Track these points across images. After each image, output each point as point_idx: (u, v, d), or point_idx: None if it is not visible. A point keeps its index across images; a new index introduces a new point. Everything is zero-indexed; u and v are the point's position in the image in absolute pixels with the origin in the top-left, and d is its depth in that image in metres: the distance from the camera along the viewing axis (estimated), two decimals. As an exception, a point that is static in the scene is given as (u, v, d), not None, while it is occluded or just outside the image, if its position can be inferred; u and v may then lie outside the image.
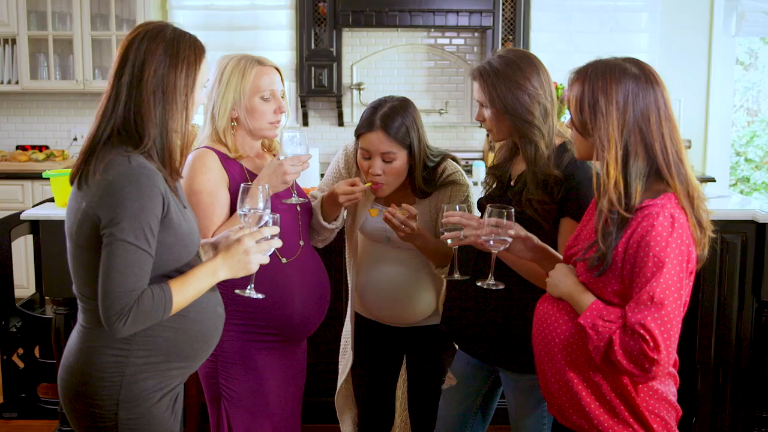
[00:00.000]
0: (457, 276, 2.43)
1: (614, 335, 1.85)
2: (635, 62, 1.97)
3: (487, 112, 2.40)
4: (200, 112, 2.60)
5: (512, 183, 2.48)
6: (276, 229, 2.09)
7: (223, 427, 2.57)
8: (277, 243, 2.09)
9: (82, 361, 1.98)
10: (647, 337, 1.79)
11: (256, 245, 2.02)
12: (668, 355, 1.82)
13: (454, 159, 2.78)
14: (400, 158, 2.61)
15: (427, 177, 2.70)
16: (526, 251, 2.21)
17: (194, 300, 1.98)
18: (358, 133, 2.66)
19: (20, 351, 4.12)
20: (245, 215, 2.12)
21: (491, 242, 2.16)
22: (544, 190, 2.33)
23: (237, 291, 2.24)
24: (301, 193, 2.60)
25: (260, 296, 2.24)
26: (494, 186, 2.56)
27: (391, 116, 2.59)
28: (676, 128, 1.95)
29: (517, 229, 2.17)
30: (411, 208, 2.55)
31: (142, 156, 1.92)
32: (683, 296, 1.87)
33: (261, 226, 2.09)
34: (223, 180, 2.47)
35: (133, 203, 1.84)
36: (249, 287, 2.23)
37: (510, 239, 2.15)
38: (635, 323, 1.81)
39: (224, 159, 2.50)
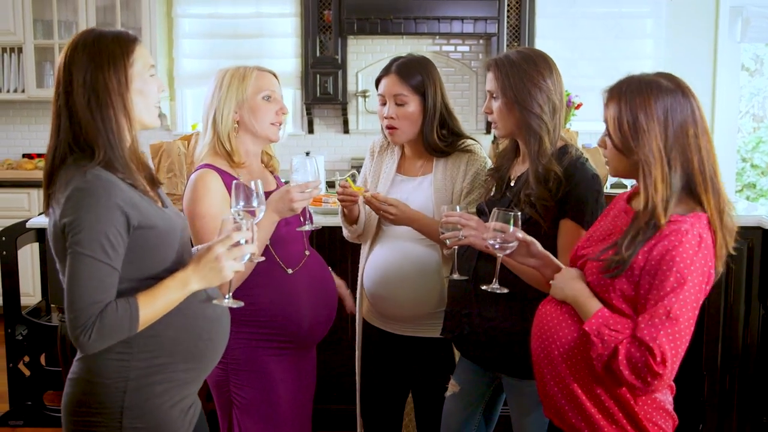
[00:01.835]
0: (456, 276, 2.43)
1: (620, 345, 1.84)
2: (668, 77, 1.97)
3: (495, 104, 2.42)
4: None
5: (512, 184, 2.49)
6: (248, 234, 1.97)
7: (234, 435, 2.57)
8: (251, 248, 1.97)
9: (85, 369, 1.94)
10: (656, 351, 1.79)
11: (227, 251, 1.91)
12: (672, 370, 1.82)
13: (475, 140, 2.85)
14: (413, 103, 2.71)
15: (446, 140, 2.77)
16: (528, 256, 2.20)
17: (186, 300, 1.93)
18: (377, 82, 2.81)
19: (26, 359, 4.13)
20: (238, 212, 2.08)
21: (497, 246, 2.15)
22: (544, 187, 2.34)
23: (215, 301, 2.08)
24: (311, 218, 2.63)
25: (239, 304, 2.08)
26: (493, 188, 2.57)
27: (407, 64, 2.74)
28: (711, 142, 1.96)
29: (522, 234, 2.17)
30: (382, 197, 2.65)
31: (100, 168, 1.88)
32: (696, 315, 1.87)
33: (246, 227, 1.99)
34: (226, 201, 2.45)
35: (88, 215, 1.80)
36: (227, 296, 2.07)
37: (515, 243, 2.14)
38: (647, 336, 1.81)
39: (225, 177, 2.50)
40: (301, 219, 2.60)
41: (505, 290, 2.27)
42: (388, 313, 2.83)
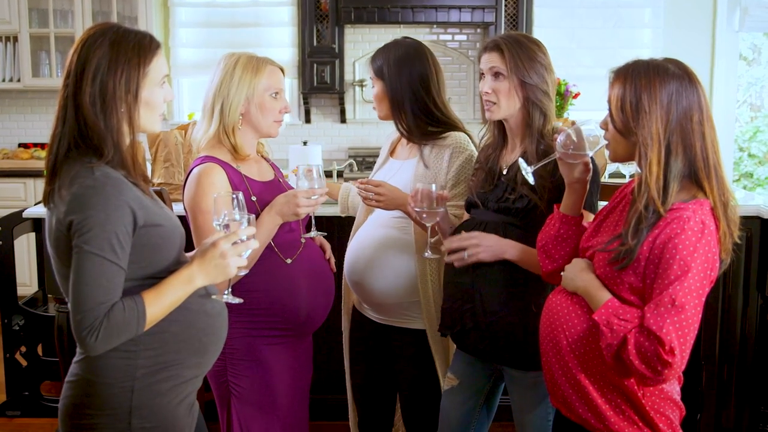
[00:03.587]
0: (428, 254, 2.47)
1: (629, 334, 1.84)
2: (676, 62, 1.97)
3: (501, 83, 2.42)
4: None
5: (504, 172, 2.48)
6: (252, 230, 1.99)
7: (233, 425, 2.57)
8: (254, 244, 1.98)
9: (88, 370, 1.90)
10: (664, 340, 1.78)
11: (232, 248, 1.91)
12: (682, 359, 1.81)
13: (469, 135, 2.78)
14: (377, 86, 2.80)
15: (426, 127, 2.74)
16: (575, 174, 2.13)
17: (187, 296, 1.91)
18: None
19: (23, 349, 4.12)
20: (221, 225, 2.02)
21: (569, 152, 2.07)
22: (543, 167, 2.32)
23: (214, 297, 2.09)
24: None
25: (239, 301, 2.12)
26: (483, 179, 2.54)
27: (378, 51, 2.83)
28: (715, 130, 1.95)
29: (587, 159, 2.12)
30: (366, 179, 2.68)
31: (107, 166, 1.85)
32: (702, 303, 1.86)
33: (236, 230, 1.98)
34: (229, 195, 2.46)
35: (98, 214, 1.77)
36: (226, 292, 2.08)
37: (587, 155, 2.08)
38: (653, 325, 1.80)
39: (228, 169, 2.50)
40: (301, 224, 2.61)
41: (532, 181, 2.22)
42: (362, 298, 2.84)
